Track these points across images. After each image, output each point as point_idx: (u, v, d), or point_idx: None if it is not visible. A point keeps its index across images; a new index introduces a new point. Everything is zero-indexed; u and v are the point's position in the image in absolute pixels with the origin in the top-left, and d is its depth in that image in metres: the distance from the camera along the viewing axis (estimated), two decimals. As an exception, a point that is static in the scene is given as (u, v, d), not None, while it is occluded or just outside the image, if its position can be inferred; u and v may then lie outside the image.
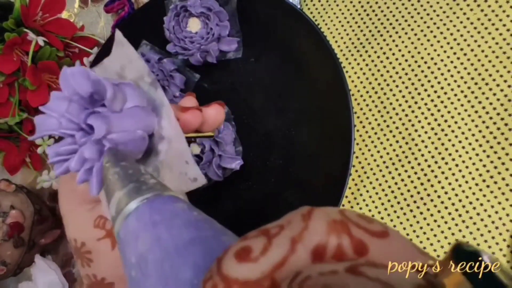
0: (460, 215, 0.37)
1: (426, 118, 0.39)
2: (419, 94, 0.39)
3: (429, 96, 0.39)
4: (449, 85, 0.38)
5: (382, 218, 0.39)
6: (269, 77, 0.41)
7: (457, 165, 0.37)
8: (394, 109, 0.40)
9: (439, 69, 0.39)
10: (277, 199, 0.39)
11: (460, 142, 0.37)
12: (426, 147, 0.38)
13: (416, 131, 0.39)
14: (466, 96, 0.38)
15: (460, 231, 0.36)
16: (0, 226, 0.44)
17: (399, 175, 0.39)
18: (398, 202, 0.38)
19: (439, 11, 0.40)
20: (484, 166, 0.36)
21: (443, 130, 0.38)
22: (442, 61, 0.39)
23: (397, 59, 0.40)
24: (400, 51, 0.40)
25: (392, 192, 0.39)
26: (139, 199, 0.17)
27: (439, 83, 0.39)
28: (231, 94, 0.42)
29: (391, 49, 0.41)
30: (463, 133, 0.37)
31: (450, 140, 0.38)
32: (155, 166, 0.23)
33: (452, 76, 0.38)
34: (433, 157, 0.38)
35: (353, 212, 0.12)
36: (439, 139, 0.38)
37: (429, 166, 0.38)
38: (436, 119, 0.38)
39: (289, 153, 0.39)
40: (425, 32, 0.40)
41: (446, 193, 0.37)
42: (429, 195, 0.38)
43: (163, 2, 0.43)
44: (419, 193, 0.38)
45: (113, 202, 0.18)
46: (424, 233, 0.37)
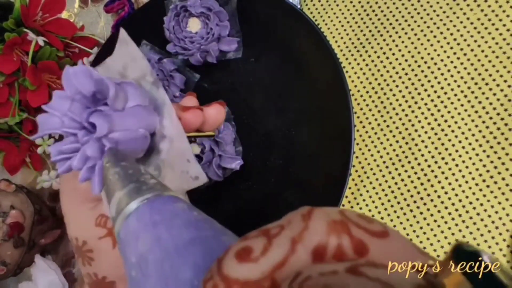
0: (460, 215, 0.37)
1: (426, 118, 0.39)
2: (419, 94, 0.39)
3: (429, 96, 0.39)
4: (449, 85, 0.38)
5: (382, 218, 0.39)
6: (269, 77, 0.41)
7: (457, 165, 0.37)
8: (394, 109, 0.40)
9: (439, 69, 0.39)
10: (277, 199, 0.39)
11: (460, 142, 0.37)
12: (426, 147, 0.38)
13: (416, 131, 0.39)
14: (466, 96, 0.38)
15: (460, 231, 0.36)
16: (0, 226, 0.44)
17: (399, 175, 0.39)
18: (398, 202, 0.38)
19: (439, 11, 0.40)
20: (484, 166, 0.36)
21: (443, 130, 0.38)
22: (442, 61, 0.39)
23: (397, 59, 0.40)
24: (400, 51, 0.40)
25: (392, 192, 0.39)
26: (140, 199, 0.17)
27: (439, 83, 0.39)
28: (231, 94, 0.42)
29: (391, 49, 0.41)
30: (463, 133, 0.37)
31: (450, 140, 0.38)
32: (157, 165, 0.23)
33: (452, 76, 0.38)
34: (433, 157, 0.38)
35: (353, 212, 0.12)
36: (439, 139, 0.38)
37: (429, 166, 0.38)
38: (436, 119, 0.38)
39: (289, 153, 0.39)
40: (425, 32, 0.40)
41: (446, 193, 0.37)
42: (429, 195, 0.38)
43: (163, 2, 0.43)
44: (419, 193, 0.38)
45: (113, 202, 0.17)
46: (424, 233, 0.37)
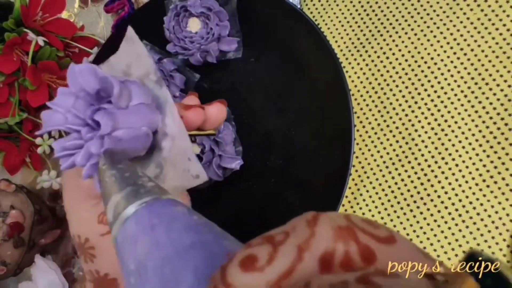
0: (460, 215, 0.37)
1: (426, 118, 0.39)
2: (419, 94, 0.39)
3: (429, 96, 0.39)
4: (449, 85, 0.38)
5: (382, 218, 0.39)
6: (269, 77, 0.41)
7: (457, 165, 0.37)
8: (394, 109, 0.40)
9: (439, 69, 0.39)
10: (277, 199, 0.39)
11: (460, 142, 0.37)
12: (426, 147, 0.38)
13: (416, 131, 0.39)
14: (466, 96, 0.38)
15: (460, 231, 0.36)
16: (0, 226, 0.44)
17: (399, 175, 0.39)
18: (398, 202, 0.38)
19: (439, 11, 0.40)
20: (484, 166, 0.36)
21: (443, 130, 0.38)
22: (442, 61, 0.39)
23: (397, 59, 0.40)
24: (400, 51, 0.40)
25: (392, 192, 0.39)
26: (137, 203, 0.16)
27: (439, 83, 0.39)
28: (231, 94, 0.42)
29: (391, 49, 0.41)
30: (463, 133, 0.37)
31: (450, 140, 0.38)
32: (158, 163, 0.23)
33: (452, 76, 0.38)
34: (433, 157, 0.38)
35: (358, 217, 0.11)
36: (439, 139, 0.38)
37: (429, 166, 0.38)
38: (436, 119, 0.38)
39: (289, 153, 0.39)
40: (425, 32, 0.40)
41: (446, 193, 0.37)
42: (429, 195, 0.38)
43: (163, 2, 0.43)
44: (419, 193, 0.38)
45: (110, 206, 0.17)
46: (424, 233, 0.37)
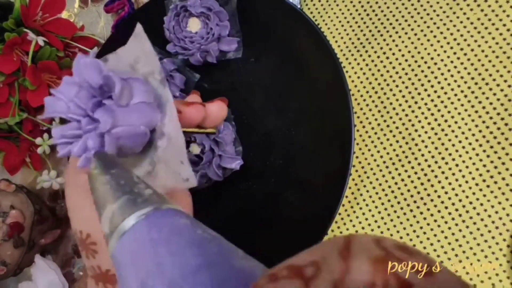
0: (460, 215, 0.37)
1: (426, 118, 0.39)
2: (419, 94, 0.39)
3: (429, 96, 0.39)
4: (449, 85, 0.38)
5: (382, 218, 0.39)
6: (269, 77, 0.41)
7: (457, 165, 0.37)
8: (394, 109, 0.40)
9: (439, 69, 0.39)
10: (277, 199, 0.39)
11: (460, 142, 0.37)
12: (426, 147, 0.38)
13: (416, 131, 0.39)
14: (466, 96, 0.38)
15: (460, 231, 0.36)
16: (0, 226, 0.44)
17: (399, 175, 0.39)
18: (398, 202, 0.38)
19: (439, 11, 0.40)
20: (484, 166, 0.36)
21: (443, 130, 0.38)
22: (442, 61, 0.39)
23: (397, 59, 0.40)
24: (400, 51, 0.40)
25: (392, 192, 0.39)
26: (136, 215, 0.15)
27: (439, 83, 0.39)
28: (231, 94, 0.42)
29: (391, 49, 0.41)
30: (463, 133, 0.37)
31: (450, 140, 0.38)
32: (152, 160, 0.24)
33: (452, 76, 0.38)
34: (433, 157, 0.38)
35: (391, 242, 0.11)
36: (439, 139, 0.38)
37: (429, 166, 0.38)
38: (436, 119, 0.38)
39: (289, 153, 0.39)
40: (425, 32, 0.40)
41: (446, 193, 0.37)
42: (429, 195, 0.38)
43: (163, 2, 0.43)
44: (419, 193, 0.38)
45: (106, 217, 0.16)
46: (424, 233, 0.37)
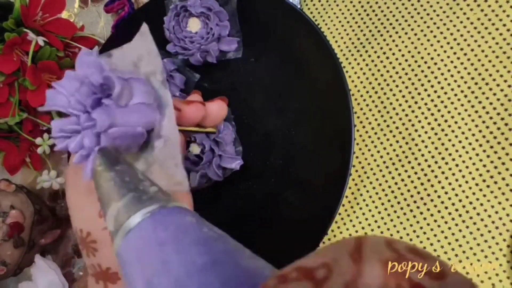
0: (460, 215, 0.37)
1: (426, 118, 0.39)
2: (419, 94, 0.39)
3: (429, 96, 0.39)
4: (449, 85, 0.38)
5: (382, 218, 0.39)
6: (269, 77, 0.41)
7: (457, 165, 0.37)
8: (394, 109, 0.40)
9: (439, 69, 0.39)
10: (277, 199, 0.39)
11: (460, 142, 0.37)
12: (426, 147, 0.38)
13: (416, 131, 0.39)
14: (466, 96, 0.38)
15: (460, 231, 0.36)
16: (0, 226, 0.44)
17: (399, 175, 0.39)
18: (398, 202, 0.38)
19: (439, 11, 0.40)
20: (484, 166, 0.36)
21: (443, 130, 0.38)
22: (442, 61, 0.39)
23: (397, 59, 0.40)
24: (400, 51, 0.40)
25: (392, 192, 0.39)
26: (141, 213, 0.15)
27: (439, 83, 0.39)
28: (231, 94, 0.42)
29: (391, 49, 0.41)
30: (463, 133, 0.37)
31: (450, 140, 0.38)
32: (147, 160, 0.24)
33: (452, 76, 0.38)
34: (433, 157, 0.38)
35: (403, 245, 0.11)
36: (439, 139, 0.38)
37: (429, 166, 0.38)
38: (436, 119, 0.38)
39: (289, 153, 0.39)
40: (425, 32, 0.40)
41: (446, 193, 0.37)
42: (429, 195, 0.38)
43: (163, 2, 0.43)
44: (419, 193, 0.38)
45: (111, 215, 0.16)
46: (424, 233, 0.37)
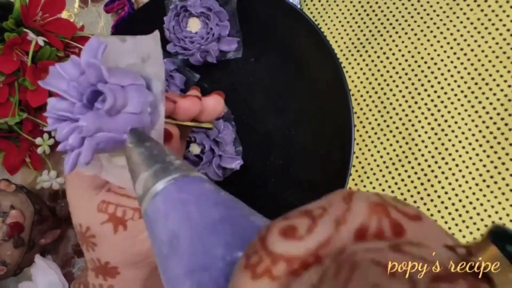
0: (460, 215, 0.37)
1: (426, 118, 0.39)
2: (419, 94, 0.39)
3: (429, 96, 0.39)
4: (449, 85, 0.38)
5: (382, 218, 0.39)
6: (269, 77, 0.41)
7: (457, 165, 0.37)
8: (394, 109, 0.40)
9: (439, 69, 0.39)
10: (277, 199, 0.39)
11: (460, 142, 0.37)
12: (426, 147, 0.38)
13: (416, 131, 0.39)
14: (466, 96, 0.38)
15: (460, 231, 0.36)
16: (0, 226, 0.44)
17: (399, 175, 0.39)
18: (398, 202, 0.38)
19: (439, 11, 0.40)
20: (484, 166, 0.36)
21: (443, 130, 0.38)
22: (442, 61, 0.39)
23: (397, 59, 0.40)
24: (400, 51, 0.40)
25: (392, 192, 0.39)
26: (167, 179, 0.17)
27: (439, 83, 0.39)
28: (231, 94, 0.42)
29: (391, 49, 0.41)
30: (463, 133, 0.37)
31: (450, 140, 0.38)
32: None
33: (452, 76, 0.38)
34: (433, 157, 0.38)
35: (389, 196, 0.12)
36: (439, 139, 0.38)
37: (429, 166, 0.38)
38: (436, 119, 0.38)
39: (289, 153, 0.39)
40: (425, 32, 0.40)
41: (446, 193, 0.37)
42: (429, 195, 0.38)
43: (163, 2, 0.43)
44: (419, 193, 0.38)
45: (140, 182, 0.18)
46: (424, 233, 0.37)
